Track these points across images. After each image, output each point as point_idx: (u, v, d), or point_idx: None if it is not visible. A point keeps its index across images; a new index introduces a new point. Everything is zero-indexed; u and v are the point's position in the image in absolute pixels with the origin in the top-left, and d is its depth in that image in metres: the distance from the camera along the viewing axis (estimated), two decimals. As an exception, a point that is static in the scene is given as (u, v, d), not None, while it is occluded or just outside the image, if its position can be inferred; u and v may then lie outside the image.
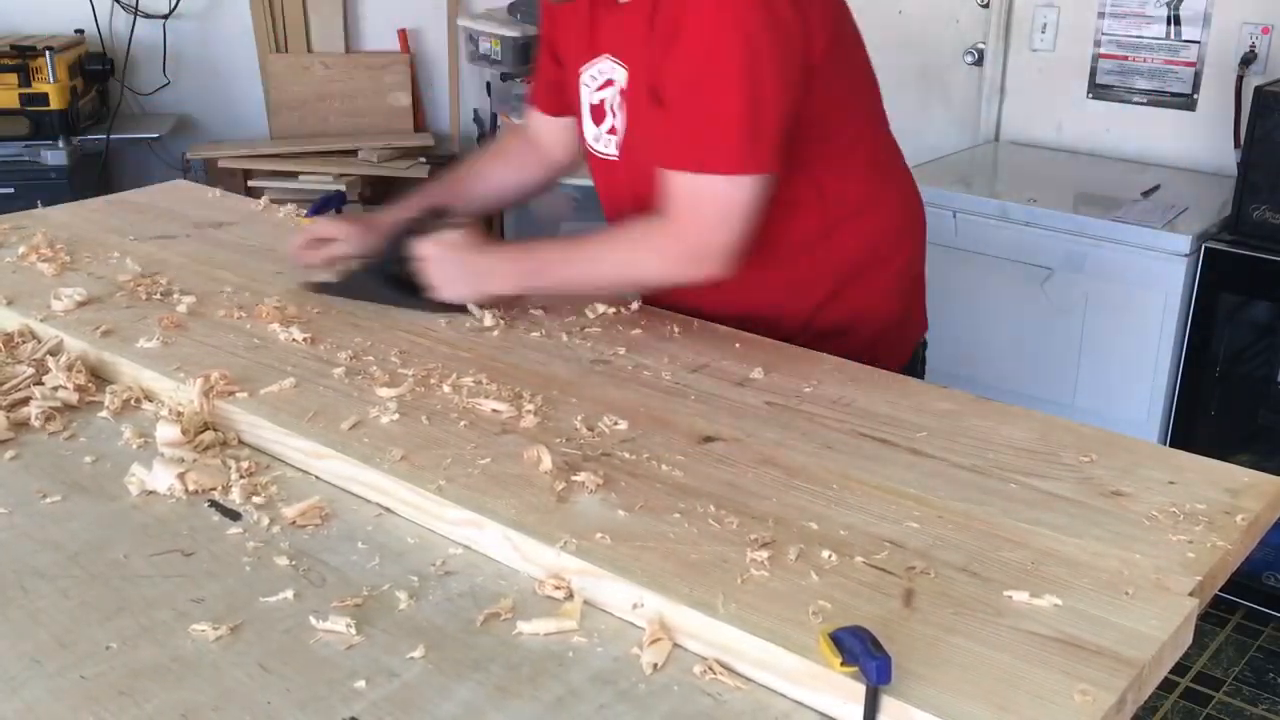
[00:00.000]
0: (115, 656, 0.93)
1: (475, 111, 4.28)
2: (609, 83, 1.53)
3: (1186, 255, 2.60)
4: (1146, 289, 2.67)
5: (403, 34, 4.22)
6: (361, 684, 0.90)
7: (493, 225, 4.18)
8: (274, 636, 0.96)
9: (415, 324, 1.52)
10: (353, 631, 0.95)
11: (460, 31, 4.07)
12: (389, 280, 1.57)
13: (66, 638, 0.95)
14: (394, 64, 4.18)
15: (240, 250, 1.81)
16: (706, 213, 1.41)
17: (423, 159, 3.98)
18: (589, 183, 1.67)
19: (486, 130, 4.19)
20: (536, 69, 1.75)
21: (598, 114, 1.56)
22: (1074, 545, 1.04)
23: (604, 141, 1.57)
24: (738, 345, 1.47)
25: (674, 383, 1.37)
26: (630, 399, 1.32)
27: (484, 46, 3.81)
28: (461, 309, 1.55)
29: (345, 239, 1.66)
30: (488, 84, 3.93)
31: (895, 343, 1.62)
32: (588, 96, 1.56)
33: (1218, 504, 1.11)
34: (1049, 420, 1.28)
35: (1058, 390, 2.83)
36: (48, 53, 3.44)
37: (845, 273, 1.55)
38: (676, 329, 1.51)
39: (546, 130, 1.75)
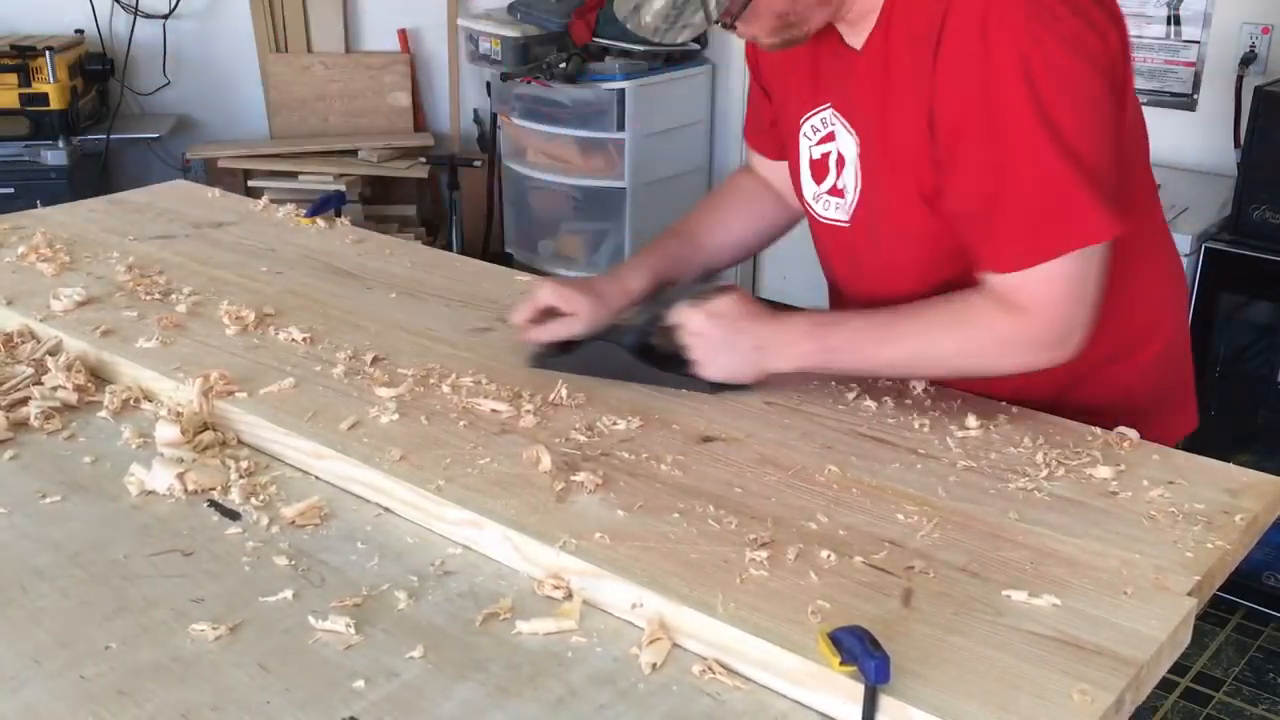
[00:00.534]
0: (115, 656, 0.93)
1: (475, 111, 4.28)
2: (831, 136, 1.32)
3: (1186, 255, 2.60)
4: (1146, 289, 2.66)
5: (403, 34, 4.22)
6: (361, 684, 0.90)
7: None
8: (274, 636, 0.96)
9: (415, 324, 1.52)
10: (352, 631, 0.95)
11: (460, 31, 4.07)
12: (643, 353, 1.36)
13: (66, 638, 0.95)
14: (394, 64, 4.18)
15: (240, 250, 1.81)
16: (1059, 297, 1.18)
17: (422, 159, 3.98)
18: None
19: (486, 130, 4.19)
20: (750, 104, 1.54)
21: (818, 170, 1.35)
22: (1074, 545, 1.04)
23: (825, 203, 1.36)
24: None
25: (674, 383, 1.37)
26: (630, 399, 1.32)
27: (484, 46, 3.81)
28: (735, 388, 1.33)
29: (577, 311, 1.39)
30: (488, 84, 3.94)
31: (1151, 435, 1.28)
32: (807, 149, 1.35)
33: (1217, 504, 1.11)
34: (1049, 420, 1.28)
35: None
36: (48, 53, 3.44)
37: (1098, 356, 1.27)
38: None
39: (775, 174, 1.51)
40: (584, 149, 3.70)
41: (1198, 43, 3.00)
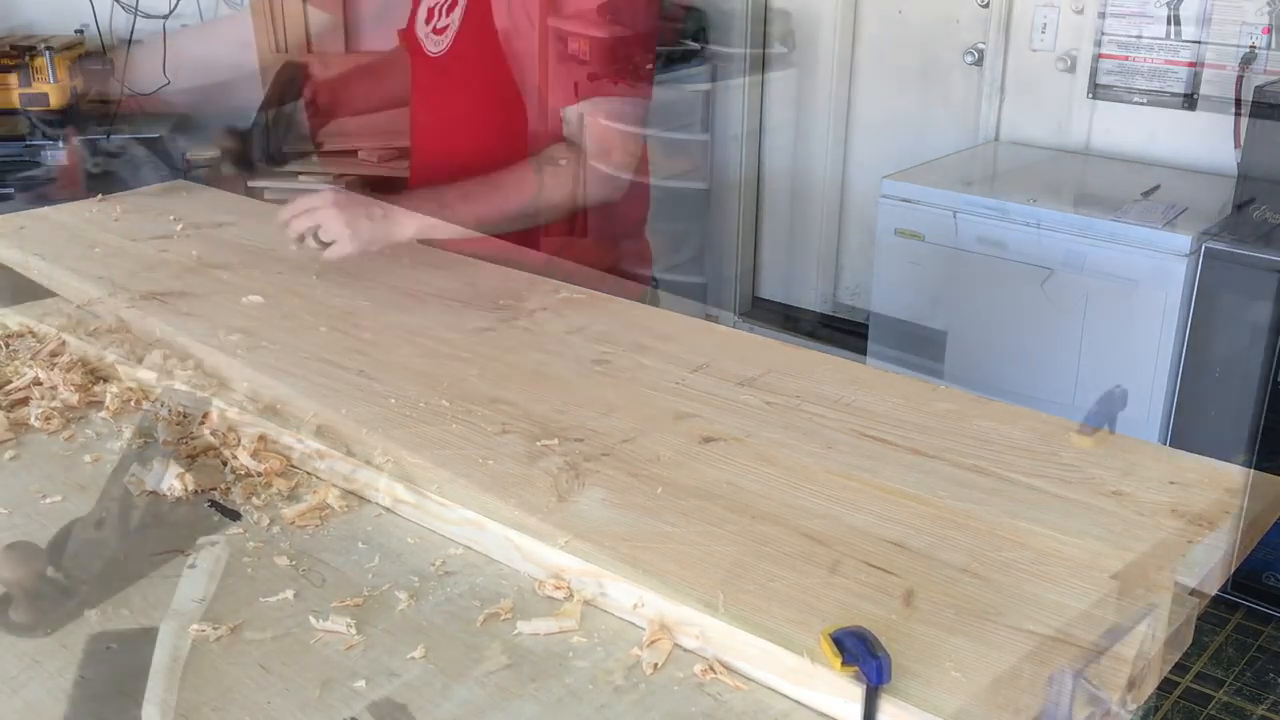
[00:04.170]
0: (115, 656, 0.93)
1: (475, 111, 4.28)
2: None
3: (1186, 255, 2.60)
4: (1146, 289, 2.67)
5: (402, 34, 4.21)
6: (361, 684, 0.90)
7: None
8: (274, 637, 0.96)
9: (415, 324, 1.52)
10: (353, 631, 0.95)
11: (460, 31, 4.07)
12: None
13: (67, 638, 0.95)
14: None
15: (240, 250, 1.81)
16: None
17: (423, 159, 3.98)
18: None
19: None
20: None
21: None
22: (1074, 545, 1.04)
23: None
24: (738, 345, 1.47)
25: (674, 383, 1.37)
26: (630, 399, 1.32)
27: (484, 46, 3.81)
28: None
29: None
30: (488, 84, 3.93)
31: None
32: None
33: (1218, 504, 1.11)
34: (1049, 420, 1.28)
35: (1058, 390, 2.83)
36: (48, 53, 3.44)
37: None
38: (677, 328, 1.51)
39: None
40: (584, 149, 3.69)
41: (1198, 43, 3.00)
